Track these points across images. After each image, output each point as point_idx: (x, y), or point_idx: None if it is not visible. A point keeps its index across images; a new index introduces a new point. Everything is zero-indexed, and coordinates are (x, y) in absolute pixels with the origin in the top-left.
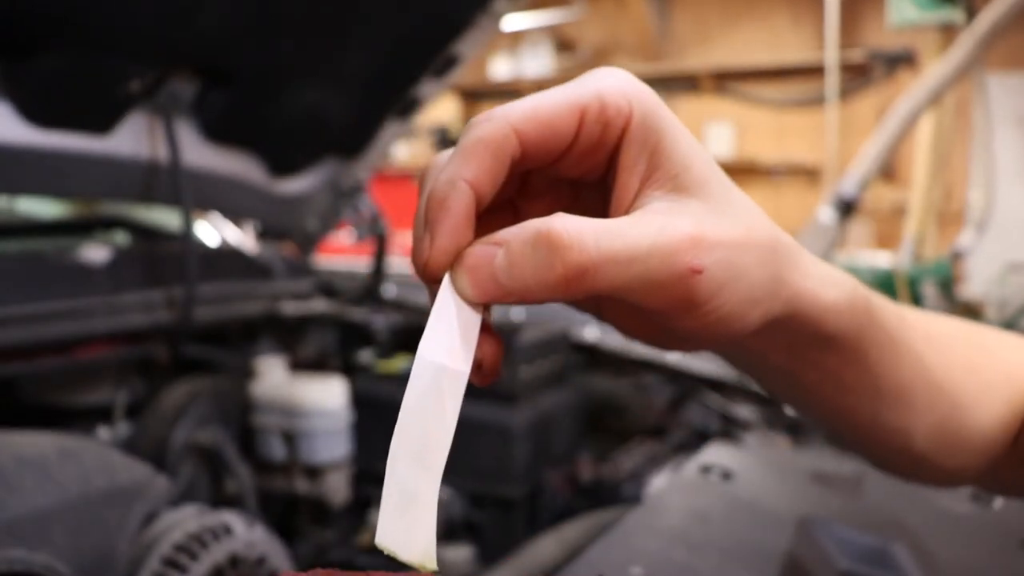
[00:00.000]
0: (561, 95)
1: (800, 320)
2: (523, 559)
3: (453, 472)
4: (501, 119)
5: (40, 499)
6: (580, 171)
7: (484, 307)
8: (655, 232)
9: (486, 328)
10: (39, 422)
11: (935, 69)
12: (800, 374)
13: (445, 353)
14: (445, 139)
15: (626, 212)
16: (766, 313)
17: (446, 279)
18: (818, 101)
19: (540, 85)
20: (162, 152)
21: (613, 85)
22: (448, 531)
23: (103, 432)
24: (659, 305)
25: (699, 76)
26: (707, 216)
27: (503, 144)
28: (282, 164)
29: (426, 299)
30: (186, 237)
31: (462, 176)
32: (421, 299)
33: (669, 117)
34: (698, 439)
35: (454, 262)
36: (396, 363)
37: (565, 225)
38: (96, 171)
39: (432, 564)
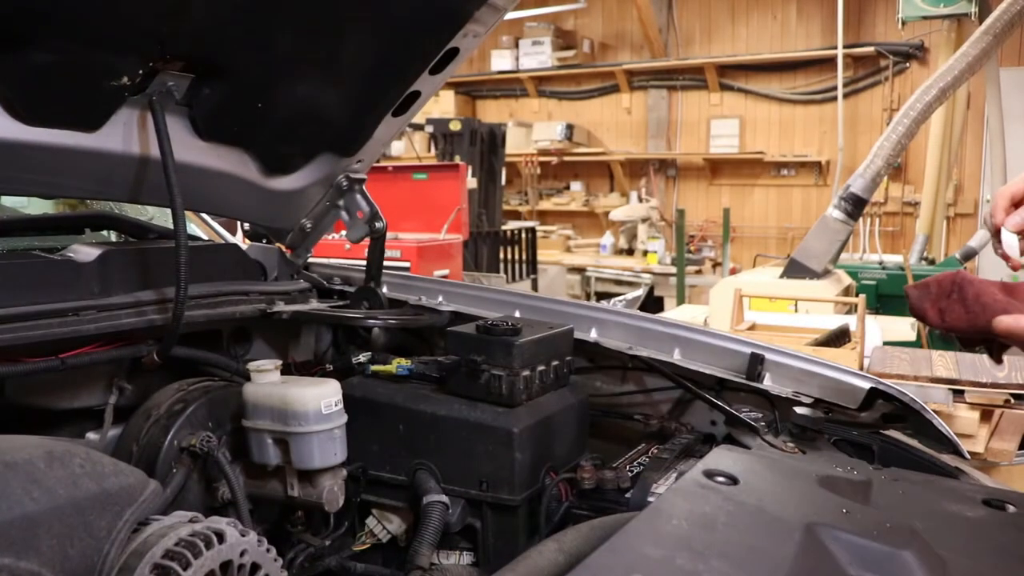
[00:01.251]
0: None
1: None
2: (523, 566)
3: (452, 477)
4: None
5: (27, 504)
6: None
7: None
8: None
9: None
10: (26, 425)
11: (949, 63)
12: None
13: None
14: (446, 134)
15: None
16: None
17: (1003, 233)
18: (826, 96)
19: (540, 79)
20: (152, 149)
21: None
22: (446, 538)
23: (92, 435)
24: None
25: (704, 71)
26: None
27: None
28: (276, 161)
29: (424, 299)
30: (177, 236)
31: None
32: (415, 299)
33: None
34: (703, 443)
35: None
36: (392, 365)
37: None
38: (85, 169)
39: None
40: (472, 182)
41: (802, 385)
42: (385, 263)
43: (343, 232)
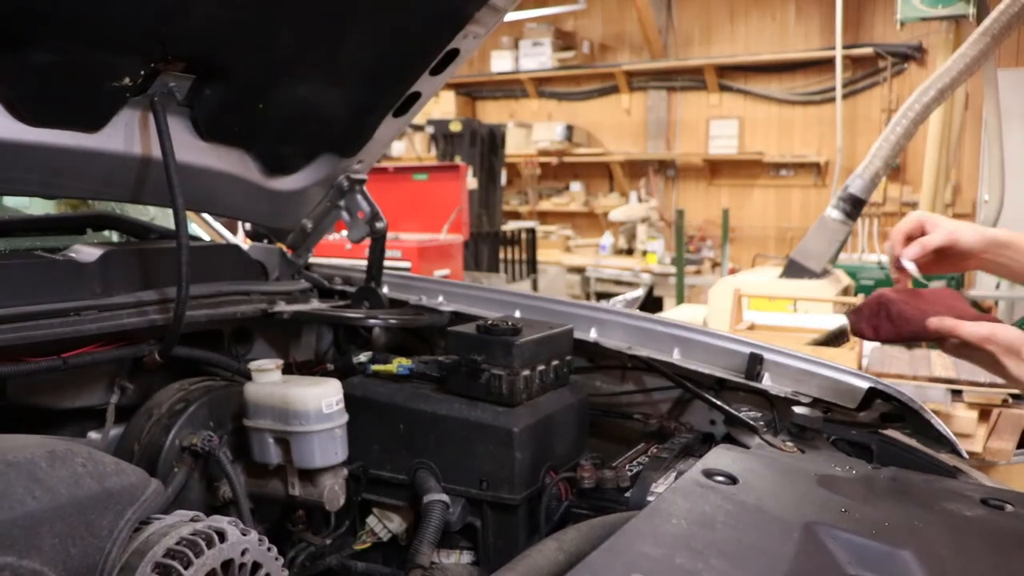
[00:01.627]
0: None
1: None
2: (523, 565)
3: (452, 476)
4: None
5: (29, 503)
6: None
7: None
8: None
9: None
10: (28, 425)
11: (947, 64)
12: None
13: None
14: (446, 134)
15: None
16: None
17: (903, 260)
18: (825, 97)
19: (540, 80)
20: (154, 150)
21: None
22: (447, 537)
23: (94, 435)
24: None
25: (704, 72)
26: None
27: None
28: (277, 162)
29: (424, 299)
30: (179, 237)
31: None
32: (415, 299)
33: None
34: (702, 443)
35: (902, 255)
36: (392, 364)
37: (932, 236)
38: (86, 169)
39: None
40: (472, 182)
41: (801, 385)
42: (386, 263)
43: (344, 232)
